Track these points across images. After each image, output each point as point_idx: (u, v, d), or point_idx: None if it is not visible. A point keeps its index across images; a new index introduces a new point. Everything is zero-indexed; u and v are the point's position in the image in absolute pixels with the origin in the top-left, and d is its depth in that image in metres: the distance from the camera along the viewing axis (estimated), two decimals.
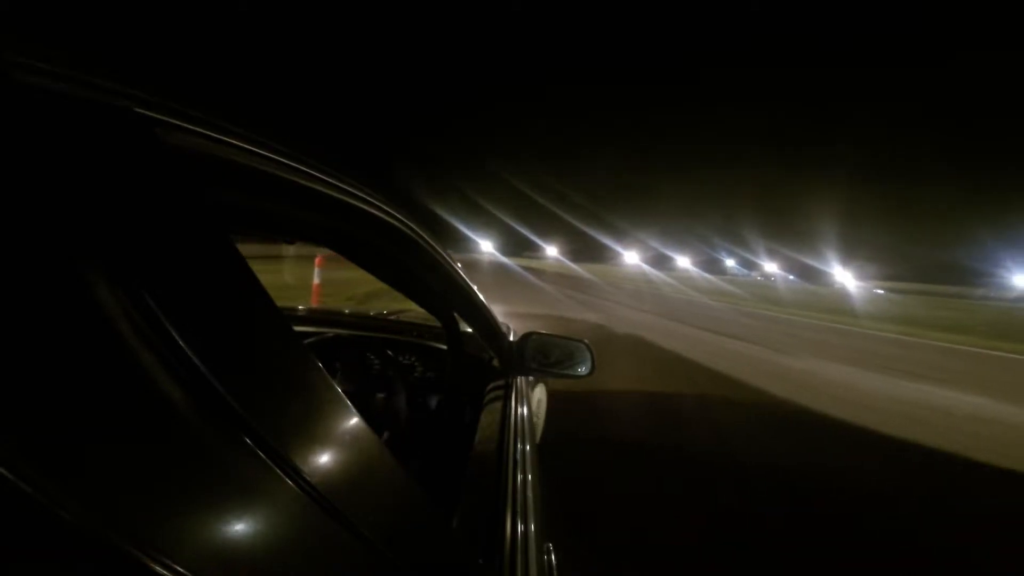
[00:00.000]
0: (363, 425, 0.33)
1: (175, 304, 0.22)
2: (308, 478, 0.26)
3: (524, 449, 0.98)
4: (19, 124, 0.20)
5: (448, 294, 1.00)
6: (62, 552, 0.17)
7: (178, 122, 0.28)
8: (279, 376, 0.28)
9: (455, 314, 1.21)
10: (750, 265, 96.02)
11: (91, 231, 0.21)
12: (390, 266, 0.85)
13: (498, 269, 28.42)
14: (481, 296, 1.08)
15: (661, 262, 72.39)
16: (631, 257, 69.70)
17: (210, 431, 0.22)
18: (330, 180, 0.46)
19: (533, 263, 47.72)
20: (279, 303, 0.34)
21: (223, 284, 0.27)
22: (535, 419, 1.60)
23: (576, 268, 39.43)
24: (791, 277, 75.14)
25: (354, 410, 0.33)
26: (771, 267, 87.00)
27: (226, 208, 0.38)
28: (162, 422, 0.21)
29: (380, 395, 1.25)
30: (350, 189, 0.50)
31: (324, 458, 0.28)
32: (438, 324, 1.26)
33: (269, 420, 0.25)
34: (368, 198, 0.54)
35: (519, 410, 1.16)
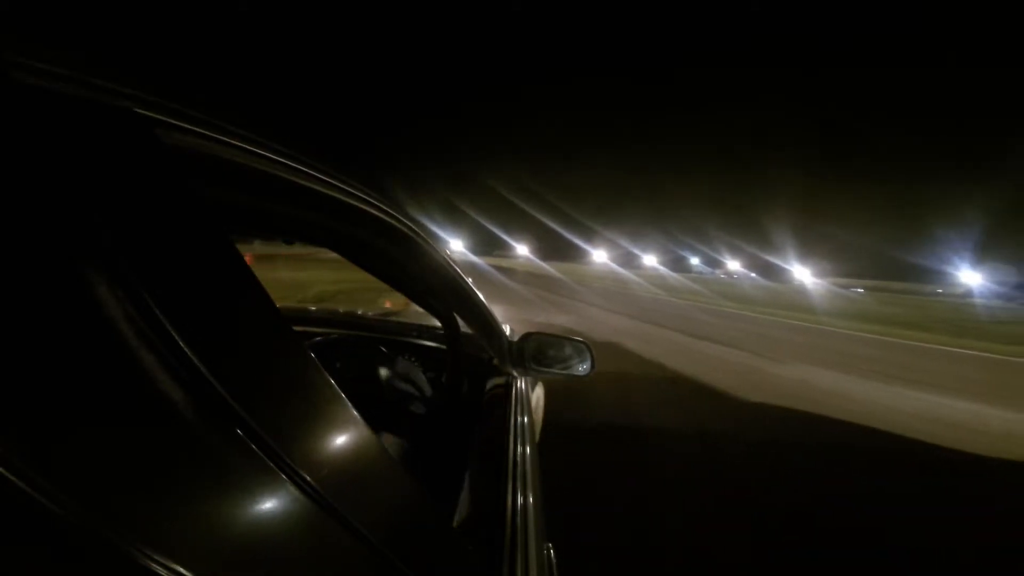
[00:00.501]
0: (363, 425, 0.33)
1: (175, 304, 0.22)
2: (308, 478, 0.26)
3: (523, 449, 0.97)
4: (19, 124, 0.20)
5: (447, 294, 1.00)
6: (62, 552, 0.17)
7: (178, 122, 0.28)
8: (279, 376, 0.28)
9: (454, 314, 1.21)
10: (714, 263, 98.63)
11: (91, 231, 0.21)
12: (390, 266, 0.83)
13: (468, 269, 27.85)
14: (480, 296, 1.07)
15: (628, 260, 73.33)
16: (600, 256, 70.46)
17: (210, 431, 0.22)
18: (329, 180, 0.45)
19: (504, 262, 47.43)
20: None
21: (223, 284, 0.27)
22: (534, 418, 1.57)
23: (546, 267, 39.46)
24: (752, 275, 77.42)
25: (354, 410, 0.32)
26: (734, 265, 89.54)
27: (226, 208, 0.37)
28: (162, 422, 0.21)
29: (380, 395, 1.24)
30: (349, 189, 0.49)
31: (324, 458, 0.28)
32: (438, 324, 1.26)
33: (269, 420, 0.25)
34: (367, 198, 0.53)
35: (518, 410, 1.16)
